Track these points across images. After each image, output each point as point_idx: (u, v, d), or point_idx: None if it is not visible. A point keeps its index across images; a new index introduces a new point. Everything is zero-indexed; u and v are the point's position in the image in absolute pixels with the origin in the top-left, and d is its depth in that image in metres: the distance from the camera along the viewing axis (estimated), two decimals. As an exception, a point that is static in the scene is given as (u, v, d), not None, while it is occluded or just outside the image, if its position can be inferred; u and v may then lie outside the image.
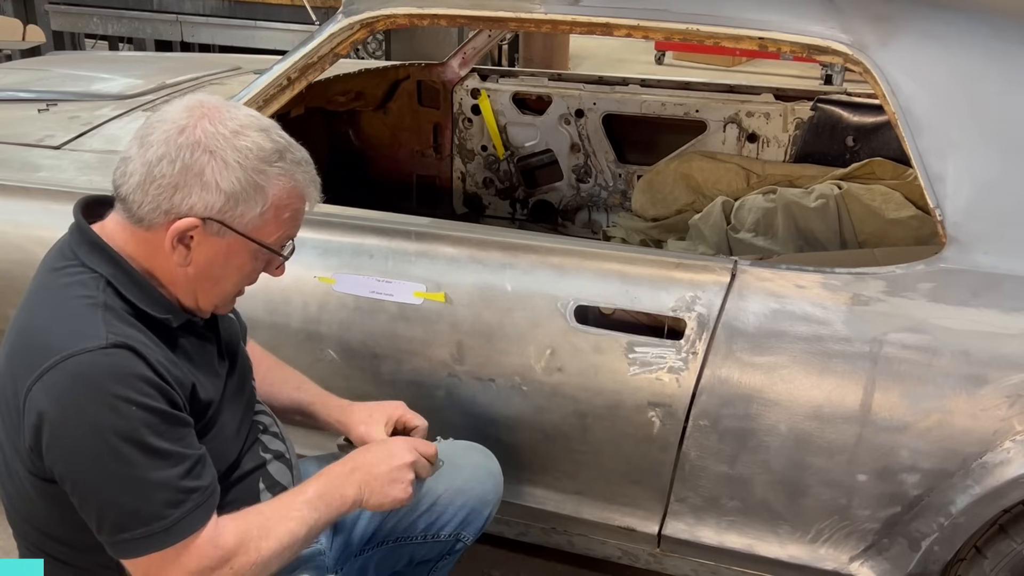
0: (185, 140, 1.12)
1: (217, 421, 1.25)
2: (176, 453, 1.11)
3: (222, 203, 1.13)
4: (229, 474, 1.28)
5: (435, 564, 1.59)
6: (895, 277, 1.52)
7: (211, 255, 1.17)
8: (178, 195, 1.12)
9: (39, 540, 1.23)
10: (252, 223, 1.16)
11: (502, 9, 1.72)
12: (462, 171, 3.37)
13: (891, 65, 1.54)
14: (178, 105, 1.16)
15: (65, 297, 1.14)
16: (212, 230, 1.15)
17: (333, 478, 1.28)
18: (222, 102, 1.18)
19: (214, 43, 6.04)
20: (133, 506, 1.09)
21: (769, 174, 2.78)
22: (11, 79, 2.79)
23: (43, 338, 1.10)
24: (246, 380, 1.39)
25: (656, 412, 1.60)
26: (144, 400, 1.08)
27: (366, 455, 1.33)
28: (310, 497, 1.24)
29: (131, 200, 1.14)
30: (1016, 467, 1.42)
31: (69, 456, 1.08)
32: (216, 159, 1.12)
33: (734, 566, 1.71)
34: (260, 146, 1.15)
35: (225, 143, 1.13)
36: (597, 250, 1.69)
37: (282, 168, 1.17)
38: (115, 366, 1.08)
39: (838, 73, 7.86)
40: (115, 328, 1.10)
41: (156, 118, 1.16)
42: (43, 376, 1.07)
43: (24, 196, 1.93)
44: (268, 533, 1.18)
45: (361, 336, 1.74)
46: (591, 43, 9.59)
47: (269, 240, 1.20)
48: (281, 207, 1.18)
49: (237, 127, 1.15)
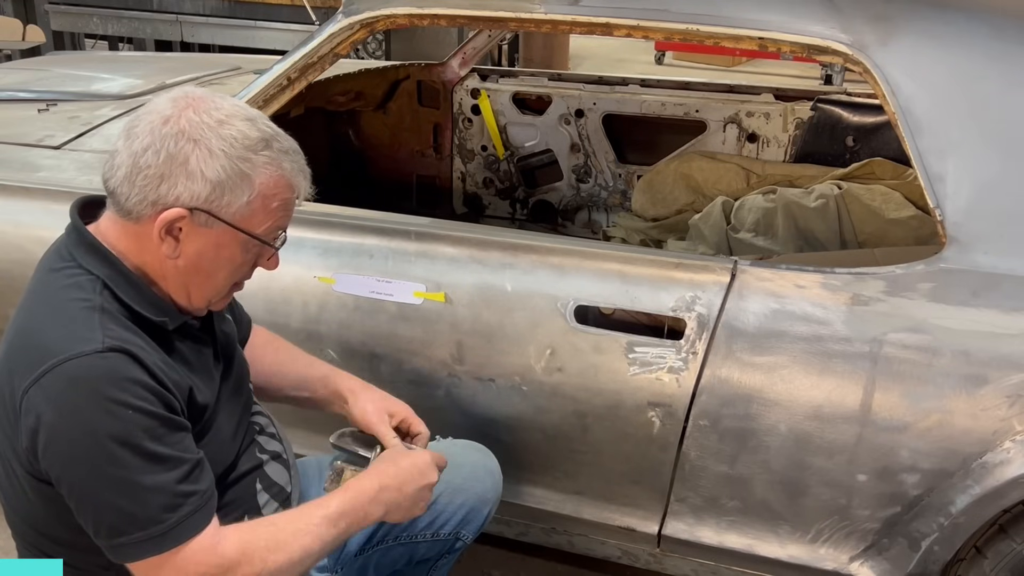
0: (169, 130, 1.11)
1: (214, 424, 1.25)
2: (173, 457, 1.11)
3: (208, 192, 1.12)
4: (226, 476, 1.28)
5: (435, 563, 1.59)
6: (895, 277, 1.52)
7: (200, 247, 1.16)
8: (164, 185, 1.11)
9: (37, 540, 1.23)
10: (240, 212, 1.15)
11: (502, 9, 1.72)
12: (462, 171, 3.37)
13: (891, 65, 1.54)
14: (164, 97, 1.16)
15: (63, 299, 1.14)
16: (200, 220, 1.14)
17: (360, 495, 1.25)
18: (208, 93, 1.18)
19: (214, 43, 6.04)
20: (130, 510, 1.08)
21: (769, 174, 2.78)
22: (11, 79, 2.80)
23: (41, 340, 1.10)
24: (243, 382, 1.39)
25: (656, 412, 1.60)
26: (141, 404, 1.08)
27: (396, 471, 1.29)
28: (331, 513, 1.21)
29: (119, 193, 1.14)
30: (1016, 467, 1.42)
31: (66, 460, 1.08)
32: (200, 148, 1.11)
33: (734, 566, 1.71)
34: (245, 135, 1.14)
35: (209, 132, 1.12)
36: (597, 250, 1.69)
37: (268, 157, 1.16)
38: (112, 370, 1.07)
39: (838, 73, 7.86)
40: (112, 332, 1.10)
41: (142, 110, 1.16)
42: (40, 379, 1.07)
43: (24, 196, 1.93)
44: (279, 546, 1.15)
45: (361, 336, 1.74)
46: (591, 43, 9.59)
47: (259, 231, 1.18)
48: (269, 196, 1.17)
49: (222, 116, 1.14)
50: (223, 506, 1.24)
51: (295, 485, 1.41)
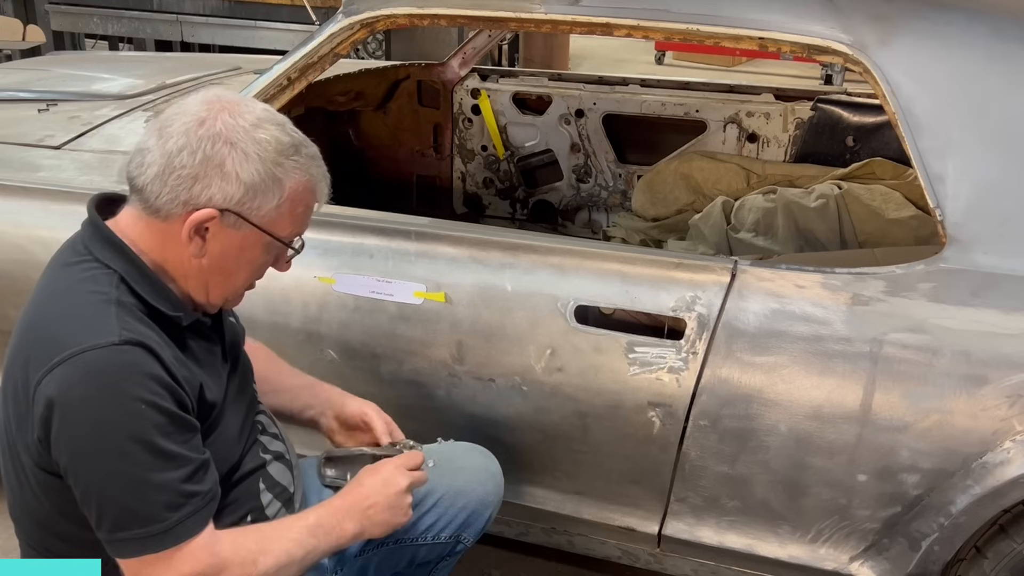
0: (206, 132, 1.13)
1: (221, 421, 1.25)
2: (180, 456, 1.11)
3: (241, 194, 1.14)
4: (231, 475, 1.28)
5: (435, 565, 1.59)
6: (895, 277, 1.52)
7: (225, 247, 1.18)
8: (197, 186, 1.13)
9: (41, 537, 1.23)
10: (268, 216, 1.17)
11: (502, 9, 1.72)
12: (462, 171, 3.37)
13: (891, 65, 1.54)
14: (196, 99, 1.18)
15: (79, 292, 1.14)
16: (228, 222, 1.16)
17: (333, 511, 1.28)
18: (238, 96, 1.21)
19: (214, 43, 6.03)
20: (133, 505, 1.09)
21: (769, 174, 2.78)
22: (11, 79, 2.79)
23: (55, 332, 1.11)
24: (248, 382, 1.40)
25: (656, 412, 1.60)
26: (154, 399, 1.08)
27: (361, 488, 1.32)
28: (310, 524, 1.25)
29: (148, 191, 1.14)
30: (1016, 467, 1.42)
31: (75, 449, 1.08)
32: (237, 151, 1.13)
33: (734, 566, 1.71)
34: (278, 139, 1.17)
35: (245, 135, 1.14)
36: (597, 250, 1.69)
37: (298, 162, 1.18)
38: (128, 364, 1.08)
39: (838, 73, 7.86)
40: (128, 325, 1.11)
41: (174, 111, 1.17)
42: (54, 369, 1.07)
43: (24, 196, 1.92)
44: (267, 549, 1.18)
45: (361, 336, 1.74)
46: (591, 43, 9.59)
47: (283, 234, 1.21)
48: (296, 201, 1.19)
49: (255, 120, 1.16)
50: (227, 505, 1.24)
51: (297, 486, 1.41)
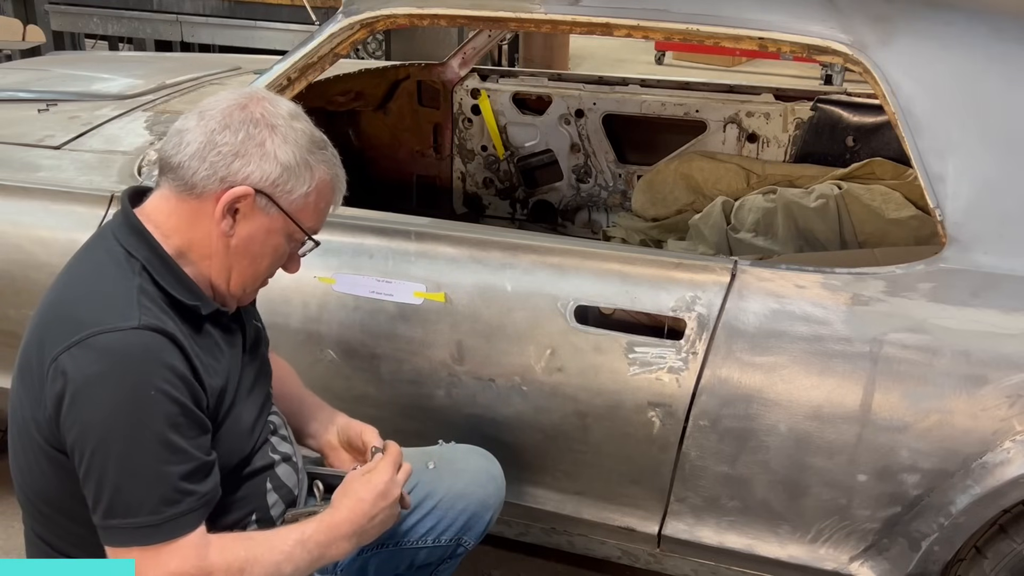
0: (248, 115, 1.19)
1: (234, 411, 1.25)
2: (185, 451, 1.11)
3: (278, 174, 1.18)
4: (240, 469, 1.28)
5: (436, 568, 1.58)
6: (895, 277, 1.52)
7: (253, 230, 1.21)
8: (237, 162, 1.17)
9: (48, 519, 1.23)
10: (296, 204, 1.22)
11: (502, 9, 1.72)
12: (462, 171, 3.37)
13: (891, 65, 1.54)
14: (231, 93, 1.23)
15: (101, 275, 1.16)
16: (260, 204, 1.19)
17: (328, 526, 1.26)
18: (271, 94, 1.27)
19: (214, 43, 6.03)
20: (129, 491, 1.09)
21: (769, 174, 2.77)
22: (11, 79, 2.80)
23: (75, 312, 1.12)
24: (265, 381, 1.40)
25: (656, 412, 1.60)
26: (168, 389, 1.09)
27: (353, 501, 1.29)
28: (305, 538, 1.23)
29: (185, 167, 1.17)
30: (1016, 467, 1.42)
31: (83, 428, 1.08)
32: (277, 134, 1.19)
33: (734, 566, 1.71)
34: (312, 133, 1.24)
35: (283, 122, 1.21)
36: (597, 250, 1.69)
37: (326, 157, 1.25)
38: (147, 349, 1.09)
39: (838, 73, 7.85)
40: (149, 311, 1.12)
41: (212, 100, 1.23)
42: (72, 348, 1.08)
43: (24, 196, 1.92)
44: (257, 559, 1.17)
45: (361, 336, 1.74)
46: (591, 43, 9.59)
47: (306, 226, 1.25)
48: (320, 195, 1.24)
49: (291, 112, 1.23)
50: (234, 501, 1.24)
51: (301, 489, 1.41)
